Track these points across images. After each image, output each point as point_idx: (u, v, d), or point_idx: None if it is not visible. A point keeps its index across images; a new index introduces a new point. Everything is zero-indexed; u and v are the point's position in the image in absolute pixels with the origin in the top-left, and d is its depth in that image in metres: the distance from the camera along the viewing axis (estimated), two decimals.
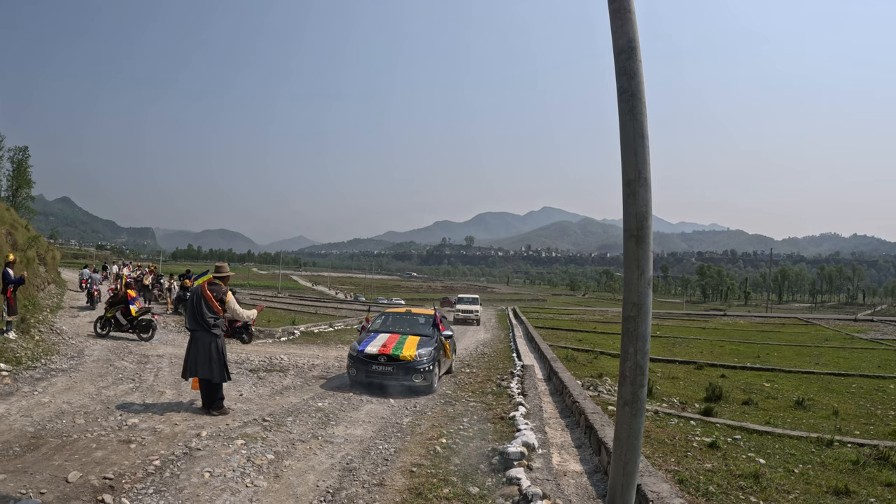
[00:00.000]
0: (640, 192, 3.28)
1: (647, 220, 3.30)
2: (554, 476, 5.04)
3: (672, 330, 33.86)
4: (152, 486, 4.35)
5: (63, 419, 5.93)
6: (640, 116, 3.31)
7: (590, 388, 9.93)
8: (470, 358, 14.42)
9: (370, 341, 9.74)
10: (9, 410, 6.02)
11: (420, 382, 9.03)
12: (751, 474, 5.46)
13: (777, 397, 11.33)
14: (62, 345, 10.79)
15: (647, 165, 3.29)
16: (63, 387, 7.49)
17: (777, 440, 7.39)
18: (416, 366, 9.01)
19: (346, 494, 4.52)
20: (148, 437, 5.63)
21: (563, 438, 6.61)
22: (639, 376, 3.23)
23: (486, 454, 5.63)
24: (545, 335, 22.55)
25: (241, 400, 7.76)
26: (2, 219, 15.38)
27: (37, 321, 12.33)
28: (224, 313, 7.11)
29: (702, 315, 62.71)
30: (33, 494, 3.97)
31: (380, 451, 5.78)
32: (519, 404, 7.97)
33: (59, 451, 4.95)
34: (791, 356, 20.71)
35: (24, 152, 44.43)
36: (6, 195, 40.63)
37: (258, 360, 11.32)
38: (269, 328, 16.85)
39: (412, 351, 9.21)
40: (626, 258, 3.36)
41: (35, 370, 8.26)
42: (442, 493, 4.57)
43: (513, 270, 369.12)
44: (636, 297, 3.29)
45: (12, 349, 9.05)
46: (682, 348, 22.14)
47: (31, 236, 20.30)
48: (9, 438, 5.13)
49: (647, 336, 3.27)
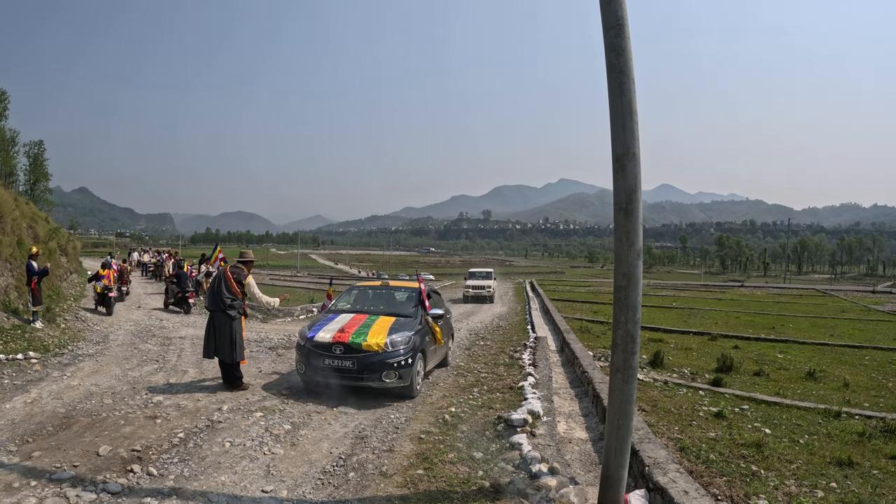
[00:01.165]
0: (628, 166, 3.37)
1: (635, 193, 3.39)
2: (556, 442, 5.21)
3: (688, 301, 33.69)
4: (177, 456, 4.64)
5: (92, 400, 6.19)
6: (628, 93, 3.38)
7: (601, 359, 9.94)
8: (485, 331, 14.51)
9: (325, 324, 7.30)
10: (40, 394, 6.28)
11: (393, 383, 6.66)
12: (754, 443, 5.51)
13: (789, 368, 11.30)
14: (87, 331, 11.06)
15: (635, 141, 3.37)
16: (90, 370, 7.75)
17: (785, 411, 7.41)
18: (387, 358, 6.63)
19: (357, 459, 4.80)
20: (172, 412, 5.91)
21: (572, 407, 6.76)
22: (630, 344, 3.35)
23: (491, 422, 5.82)
24: (561, 307, 22.59)
25: (260, 376, 8.02)
26: (22, 212, 15.72)
27: (61, 310, 12.69)
28: (242, 296, 7.27)
29: (719, 286, 62.21)
30: (67, 468, 4.22)
31: (391, 420, 6.04)
32: (528, 374, 8.13)
33: (89, 428, 5.20)
34: (806, 328, 20.57)
35: (39, 146, 45.21)
36: (24, 189, 41.35)
37: (277, 338, 11.56)
38: (287, 307, 17.04)
39: (380, 337, 6.80)
40: (616, 231, 3.46)
41: (63, 356, 8.52)
42: (447, 458, 4.79)
43: (531, 243, 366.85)
44: (626, 268, 3.39)
45: (40, 338, 9.32)
46: (698, 319, 22.07)
47: (51, 228, 20.73)
48: (42, 419, 5.39)
49: (638, 305, 3.38)
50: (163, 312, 14.94)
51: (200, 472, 4.35)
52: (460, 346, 11.79)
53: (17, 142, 41.41)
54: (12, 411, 5.59)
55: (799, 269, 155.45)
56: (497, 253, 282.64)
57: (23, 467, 4.20)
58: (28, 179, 43.67)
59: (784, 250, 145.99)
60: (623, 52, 3.40)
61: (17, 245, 12.71)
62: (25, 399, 6.05)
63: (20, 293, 11.32)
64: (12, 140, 40.48)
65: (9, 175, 34.95)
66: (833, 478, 4.79)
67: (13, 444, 4.68)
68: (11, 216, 13.36)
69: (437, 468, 4.57)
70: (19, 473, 4.07)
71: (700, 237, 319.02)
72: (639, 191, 3.42)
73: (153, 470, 4.29)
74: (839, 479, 4.78)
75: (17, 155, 41.74)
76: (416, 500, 3.97)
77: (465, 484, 4.25)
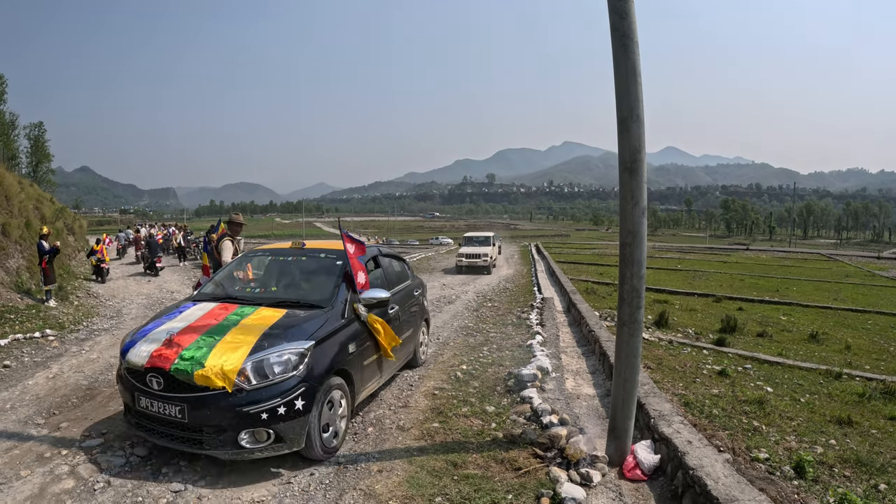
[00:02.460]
0: (633, 127, 3.45)
1: (640, 153, 3.47)
2: (565, 396, 5.41)
3: (693, 263, 33.85)
4: None
5: (112, 371, 6.34)
6: (632, 55, 3.43)
7: (607, 319, 10.07)
8: (492, 293, 14.67)
9: (158, 325, 4.31)
10: (61, 369, 6.44)
11: (262, 449, 3.71)
12: (756, 401, 5.67)
13: (792, 330, 11.45)
14: (100, 307, 11.24)
15: (639, 102, 3.44)
16: (108, 344, 7.90)
17: (787, 371, 7.57)
18: (241, 404, 3.61)
19: (375, 415, 5.02)
20: None
21: (579, 365, 6.92)
22: (635, 299, 3.48)
23: (502, 378, 6.02)
24: (567, 269, 22.74)
25: None
26: (28, 194, 15.85)
27: (73, 288, 12.92)
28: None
29: (724, 249, 62.25)
30: (95, 435, 4.41)
31: (405, 378, 6.24)
32: (536, 333, 8.33)
33: (112, 398, 5.38)
34: (810, 291, 20.73)
35: (39, 128, 45.24)
36: (27, 171, 41.44)
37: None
38: None
39: (234, 357, 3.74)
40: (621, 189, 3.56)
41: (79, 332, 8.67)
42: (461, 412, 4.99)
43: (535, 206, 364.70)
44: (631, 226, 3.50)
45: (54, 316, 9.49)
46: (702, 281, 22.25)
47: (57, 208, 20.88)
48: (66, 392, 5.56)
49: (643, 261, 3.50)
50: (174, 285, 15.21)
51: None
52: (468, 307, 11.89)
53: (16, 125, 41.36)
54: (36, 387, 5.74)
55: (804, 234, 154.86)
56: (502, 216, 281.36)
57: (52, 438, 4.37)
58: (30, 161, 43.74)
59: (789, 214, 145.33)
60: (627, 15, 3.44)
61: (26, 226, 12.88)
62: (47, 375, 6.20)
63: (32, 274, 11.53)
64: (12, 123, 40.44)
65: (11, 158, 35.03)
66: (833, 435, 4.95)
67: (40, 417, 4.85)
68: (18, 198, 13.52)
69: (452, 421, 4.77)
70: (49, 444, 4.24)
71: (705, 200, 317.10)
72: (643, 151, 3.49)
73: None
74: (838, 436, 4.93)
75: (18, 138, 41.77)
76: (434, 451, 4.16)
77: (480, 435, 4.45)
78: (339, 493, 3.57)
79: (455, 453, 4.09)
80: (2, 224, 11.46)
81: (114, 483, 3.65)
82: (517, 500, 3.38)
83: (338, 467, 3.95)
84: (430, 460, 3.98)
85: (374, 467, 3.91)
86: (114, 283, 15.63)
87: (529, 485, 3.56)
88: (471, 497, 3.42)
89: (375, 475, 3.78)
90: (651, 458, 3.73)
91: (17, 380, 5.95)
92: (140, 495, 3.50)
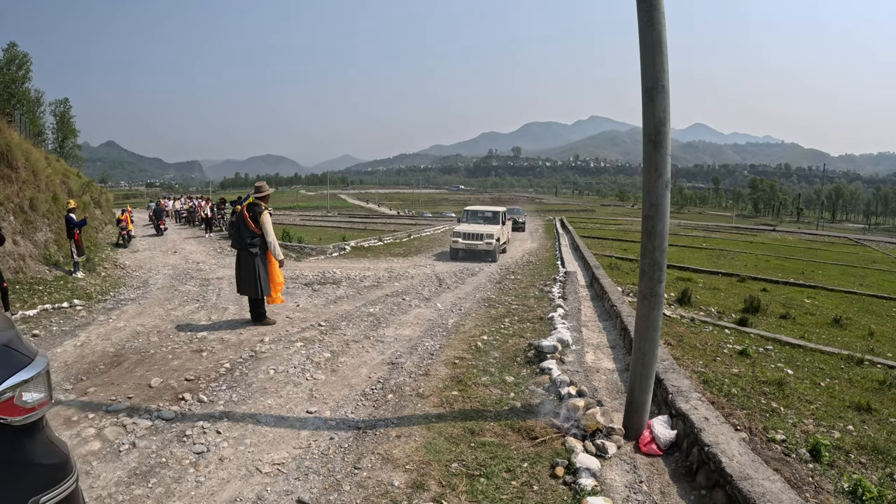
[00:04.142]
0: (657, 98, 3.40)
1: (664, 125, 3.42)
2: (584, 369, 5.45)
3: (718, 242, 33.47)
4: (224, 384, 4.98)
5: (139, 339, 6.50)
6: (658, 26, 3.37)
7: (629, 295, 10.02)
8: (515, 266, 14.67)
9: None
10: (89, 337, 6.57)
11: None
12: (775, 382, 5.63)
13: (815, 314, 11.31)
14: (127, 278, 11.42)
15: (664, 73, 3.39)
16: (135, 312, 8.04)
17: (808, 354, 7.50)
18: None
19: (395, 383, 5.11)
20: (217, 346, 6.24)
21: (600, 339, 6.93)
22: (657, 272, 3.47)
23: (522, 349, 6.07)
24: (591, 244, 22.62)
25: (298, 310, 8.31)
26: (54, 169, 16.17)
27: (100, 259, 13.20)
28: (261, 232, 7.23)
29: (750, 229, 61.30)
30: (122, 399, 4.53)
31: (426, 347, 6.33)
32: (558, 306, 8.34)
33: (139, 364, 5.53)
34: (836, 275, 20.40)
35: (65, 104, 45.77)
36: (53, 147, 42.04)
37: (312, 274, 11.84)
38: (320, 245, 17.32)
39: None
40: (644, 161, 3.53)
41: (106, 302, 8.81)
42: (480, 381, 5.06)
43: (561, 181, 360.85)
44: (654, 198, 3.48)
45: (82, 287, 9.69)
46: (727, 261, 22.02)
47: (83, 182, 21.34)
48: (93, 360, 5.69)
49: (665, 234, 3.48)
50: (199, 256, 15.44)
51: (248, 397, 4.67)
52: (491, 279, 11.95)
53: (42, 101, 41.96)
54: (64, 354, 5.87)
55: (832, 217, 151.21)
56: (527, 190, 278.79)
57: (80, 402, 4.49)
58: (56, 137, 44.39)
59: (818, 196, 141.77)
60: None
61: (53, 201, 13.14)
62: (75, 343, 6.31)
63: (60, 246, 11.76)
64: (38, 100, 41.02)
65: (37, 135, 35.59)
66: (851, 421, 4.90)
67: (68, 382, 4.97)
68: (45, 173, 13.76)
69: (471, 390, 4.84)
70: (77, 408, 4.35)
71: (733, 179, 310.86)
72: (667, 123, 3.45)
73: (203, 397, 4.62)
74: (856, 422, 4.89)
75: (44, 114, 42.39)
76: (452, 418, 4.23)
77: (498, 404, 4.51)
78: (357, 456, 3.64)
79: (473, 421, 4.15)
80: (30, 198, 11.70)
81: (139, 445, 3.76)
82: (532, 468, 3.43)
83: (357, 432, 4.03)
84: (448, 427, 4.04)
85: (393, 433, 3.98)
86: (140, 254, 15.91)
87: (545, 454, 3.61)
88: (487, 464, 3.48)
89: (393, 440, 3.85)
90: (667, 433, 3.75)
91: (46, 348, 6.05)
92: (164, 456, 3.61)
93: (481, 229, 16.15)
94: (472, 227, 16.47)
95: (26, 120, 33.30)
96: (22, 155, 12.07)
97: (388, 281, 11.32)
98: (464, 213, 18.98)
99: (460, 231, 16.25)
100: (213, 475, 3.42)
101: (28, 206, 11.54)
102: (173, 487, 3.27)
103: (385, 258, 15.89)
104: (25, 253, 10.22)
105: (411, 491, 3.20)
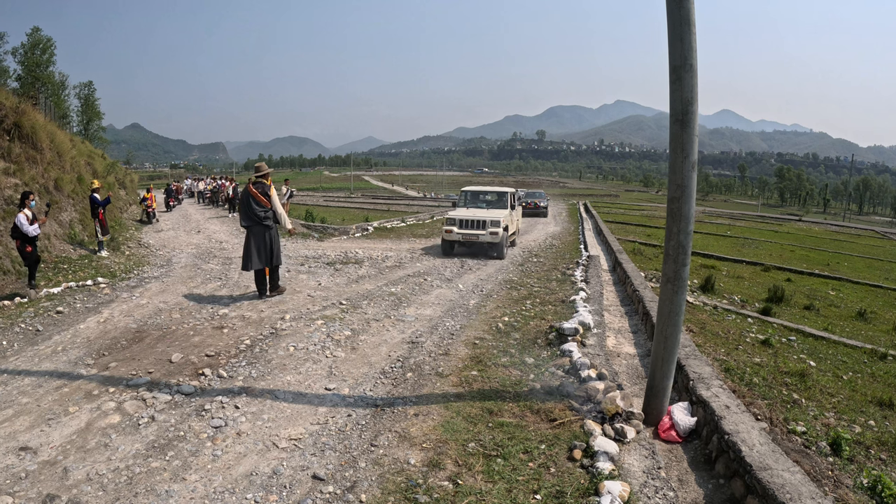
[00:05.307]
0: (685, 77, 3.31)
1: (692, 105, 3.34)
2: (605, 353, 5.39)
3: (743, 231, 33.16)
4: (244, 360, 5.03)
5: (161, 315, 6.59)
6: (686, 3, 3.29)
7: (652, 280, 9.96)
8: (538, 249, 14.60)
9: None
10: (112, 314, 6.66)
11: None
12: (798, 373, 5.59)
13: (840, 306, 11.16)
14: (151, 256, 11.54)
15: (692, 52, 3.30)
16: (157, 290, 8.14)
17: (831, 346, 7.43)
18: None
19: (414, 361, 5.12)
20: (238, 322, 6.31)
21: (621, 324, 6.89)
22: (681, 255, 3.40)
23: (543, 331, 6.03)
24: (614, 229, 22.49)
25: (320, 288, 8.37)
26: (79, 151, 16.40)
27: (125, 239, 13.40)
28: (270, 206, 7.70)
29: (776, 218, 60.30)
30: (142, 374, 4.60)
31: (447, 327, 6.34)
32: (580, 290, 8.29)
33: (160, 340, 5.60)
34: (861, 268, 20.10)
35: (89, 87, 46.29)
36: (78, 129, 42.59)
37: (334, 254, 11.89)
38: (343, 226, 17.33)
39: None
40: (671, 142, 3.45)
41: (130, 280, 8.91)
42: (500, 362, 5.05)
43: (585, 165, 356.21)
44: (680, 179, 3.41)
45: (106, 265, 9.82)
46: (752, 249, 21.83)
47: (107, 163, 21.66)
48: (115, 335, 5.77)
49: (691, 216, 3.40)
50: (222, 236, 15.53)
51: (267, 373, 4.72)
52: (513, 262, 11.88)
53: (66, 84, 42.49)
54: (87, 330, 5.96)
55: (860, 209, 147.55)
56: (551, 174, 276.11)
57: (101, 377, 4.57)
58: (81, 120, 44.97)
59: (846, 188, 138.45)
60: None
61: (78, 181, 13.33)
62: (98, 319, 6.41)
63: (84, 226, 11.94)
64: (62, 83, 41.56)
65: (63, 117, 36.04)
66: (872, 416, 4.85)
67: (90, 357, 5.05)
68: (69, 155, 13.94)
69: (491, 370, 4.83)
70: (98, 382, 4.43)
71: (760, 167, 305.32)
72: (695, 103, 3.36)
73: (223, 373, 4.68)
74: (878, 418, 4.83)
75: (69, 97, 42.93)
76: (471, 397, 4.23)
77: (517, 385, 4.49)
78: (374, 433, 3.66)
79: (491, 401, 4.14)
80: (55, 179, 11.89)
81: (158, 419, 3.82)
82: (550, 450, 3.42)
83: (374, 409, 4.05)
84: (467, 407, 4.04)
85: (411, 411, 3.99)
86: (164, 234, 16.12)
87: (563, 436, 3.59)
88: (504, 444, 3.47)
89: (411, 418, 3.86)
90: (687, 420, 3.71)
91: (69, 324, 6.17)
92: (182, 430, 3.66)
93: (484, 215, 12.53)
94: (471, 213, 12.87)
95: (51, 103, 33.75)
96: (47, 137, 12.23)
97: (410, 261, 11.33)
98: (461, 195, 14.83)
99: (455, 217, 12.59)
100: (230, 449, 3.46)
101: (53, 187, 11.73)
102: (190, 461, 3.31)
103: (408, 239, 15.84)
104: (50, 232, 10.40)
105: (427, 469, 3.20)
